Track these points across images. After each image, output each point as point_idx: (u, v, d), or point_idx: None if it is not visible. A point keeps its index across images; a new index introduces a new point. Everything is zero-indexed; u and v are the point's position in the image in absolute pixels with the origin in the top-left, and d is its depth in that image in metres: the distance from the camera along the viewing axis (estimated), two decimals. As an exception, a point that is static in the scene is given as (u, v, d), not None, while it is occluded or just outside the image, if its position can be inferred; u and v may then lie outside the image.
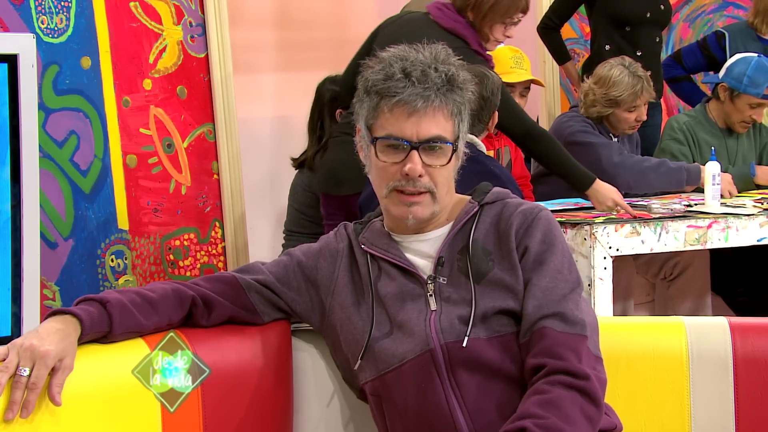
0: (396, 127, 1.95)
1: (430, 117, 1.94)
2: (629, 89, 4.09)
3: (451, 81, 1.96)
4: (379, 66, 1.98)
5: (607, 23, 4.63)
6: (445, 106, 1.95)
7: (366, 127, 2.00)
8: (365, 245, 2.06)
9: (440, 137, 1.95)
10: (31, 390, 1.75)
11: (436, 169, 1.96)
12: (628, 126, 4.18)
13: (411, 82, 1.93)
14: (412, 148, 1.94)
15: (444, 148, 1.96)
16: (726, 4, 5.68)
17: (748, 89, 4.25)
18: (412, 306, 1.98)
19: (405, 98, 1.93)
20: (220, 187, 4.04)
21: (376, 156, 1.98)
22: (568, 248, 2.00)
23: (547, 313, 1.90)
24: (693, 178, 4.04)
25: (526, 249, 1.96)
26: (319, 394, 2.15)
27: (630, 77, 4.10)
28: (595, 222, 3.34)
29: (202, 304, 2.03)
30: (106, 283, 3.72)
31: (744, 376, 2.11)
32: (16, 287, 2.66)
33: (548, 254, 1.96)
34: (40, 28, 3.55)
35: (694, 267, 4.18)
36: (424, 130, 1.94)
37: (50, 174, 3.56)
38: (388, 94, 1.95)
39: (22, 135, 2.64)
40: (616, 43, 4.54)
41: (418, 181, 1.95)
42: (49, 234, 3.54)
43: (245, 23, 4.83)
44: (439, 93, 1.94)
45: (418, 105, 1.93)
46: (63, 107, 3.63)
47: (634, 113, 4.14)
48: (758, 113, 4.32)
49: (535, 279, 1.94)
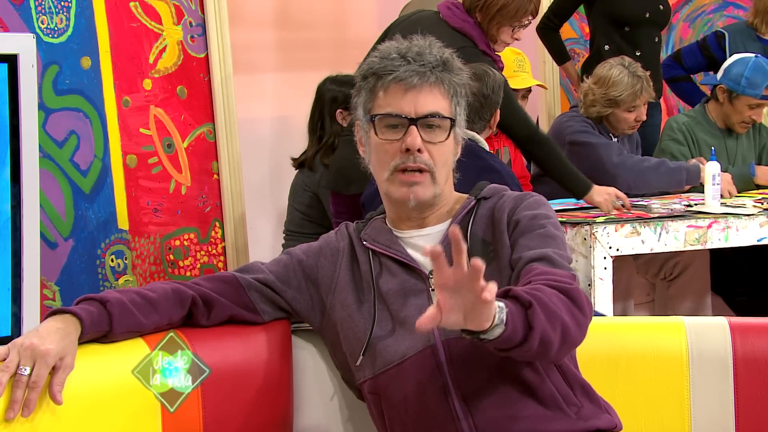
0: (394, 104, 1.97)
1: (427, 92, 1.96)
2: (629, 89, 4.09)
3: (446, 63, 1.99)
4: (376, 54, 2.01)
5: (607, 23, 4.63)
6: (441, 83, 1.98)
7: (364, 112, 2.02)
8: (367, 241, 2.07)
9: (438, 113, 1.97)
10: (32, 389, 1.75)
11: (435, 146, 1.97)
12: (628, 126, 4.18)
13: (407, 60, 1.96)
14: (410, 123, 1.96)
15: (442, 124, 1.97)
16: (726, 4, 5.68)
17: (746, 90, 4.25)
18: (414, 302, 1.98)
19: (401, 75, 1.95)
20: (220, 187, 4.04)
21: (375, 134, 1.99)
22: (561, 230, 2.01)
23: (534, 257, 1.91)
24: (692, 178, 4.05)
25: (517, 222, 1.98)
26: (319, 394, 2.15)
27: (629, 77, 4.11)
28: (596, 222, 3.34)
29: (202, 304, 2.03)
30: (106, 283, 3.72)
31: (744, 376, 2.11)
32: (16, 287, 2.66)
33: (538, 226, 1.97)
34: (40, 28, 3.56)
35: (694, 267, 4.18)
36: (421, 105, 1.96)
37: (50, 174, 3.56)
38: (384, 72, 1.97)
39: (22, 135, 2.64)
40: (616, 44, 4.55)
41: (418, 156, 1.96)
42: (49, 234, 3.54)
43: (245, 23, 4.83)
44: (435, 71, 1.97)
45: (414, 81, 1.95)
46: (63, 107, 3.63)
47: (634, 113, 4.15)
48: (757, 113, 4.33)
49: (523, 240, 1.95)
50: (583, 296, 1.86)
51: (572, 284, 1.85)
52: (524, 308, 1.73)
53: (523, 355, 1.78)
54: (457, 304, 1.62)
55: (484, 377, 1.91)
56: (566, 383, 1.96)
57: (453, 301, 1.62)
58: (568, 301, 1.82)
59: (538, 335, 1.73)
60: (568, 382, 1.96)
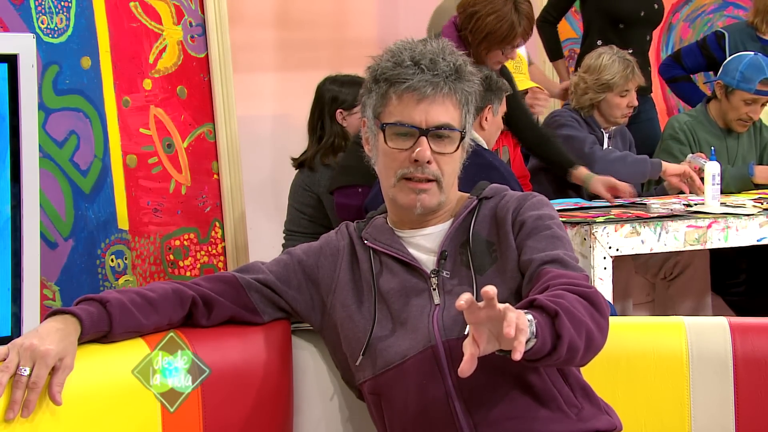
0: (405, 114, 1.96)
1: (440, 104, 1.95)
2: (620, 71, 4.17)
3: (459, 71, 1.97)
4: (388, 55, 1.99)
5: (601, 20, 4.66)
6: (454, 94, 1.97)
7: (374, 116, 2.01)
8: (368, 240, 2.07)
9: (449, 125, 1.96)
10: (32, 389, 1.75)
11: (444, 157, 1.97)
12: (621, 113, 4.22)
13: (420, 69, 1.95)
14: (421, 134, 1.95)
15: (452, 135, 1.97)
16: (726, 4, 5.68)
17: (740, 85, 4.27)
18: (416, 302, 1.98)
19: (414, 84, 1.94)
20: (220, 187, 4.03)
21: (384, 143, 1.98)
22: (564, 230, 2.01)
23: (546, 260, 1.91)
24: (654, 171, 4.06)
25: (522, 223, 1.98)
26: (319, 394, 2.15)
27: (619, 61, 4.19)
28: (595, 222, 3.34)
29: (202, 304, 2.02)
30: (106, 283, 3.72)
31: (744, 376, 2.11)
32: (16, 287, 2.65)
33: (544, 227, 1.97)
34: (40, 28, 3.55)
35: (694, 267, 4.18)
36: (433, 116, 1.95)
37: (50, 174, 3.56)
38: (398, 80, 1.96)
39: (22, 135, 2.64)
40: (608, 40, 4.56)
41: (426, 168, 1.96)
42: (49, 234, 3.54)
43: (245, 23, 4.83)
44: (448, 80, 1.96)
45: (427, 91, 1.94)
46: (63, 107, 3.63)
47: (626, 98, 4.20)
48: (754, 110, 4.32)
49: (531, 242, 1.95)
50: (602, 299, 1.87)
51: (591, 288, 1.86)
52: (551, 318, 1.74)
53: (552, 363, 1.80)
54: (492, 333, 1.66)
55: (484, 378, 1.90)
56: (567, 384, 1.96)
57: (487, 332, 1.65)
58: (590, 305, 1.82)
59: (566, 343, 1.74)
60: (569, 384, 1.96)
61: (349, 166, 3.50)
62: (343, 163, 3.63)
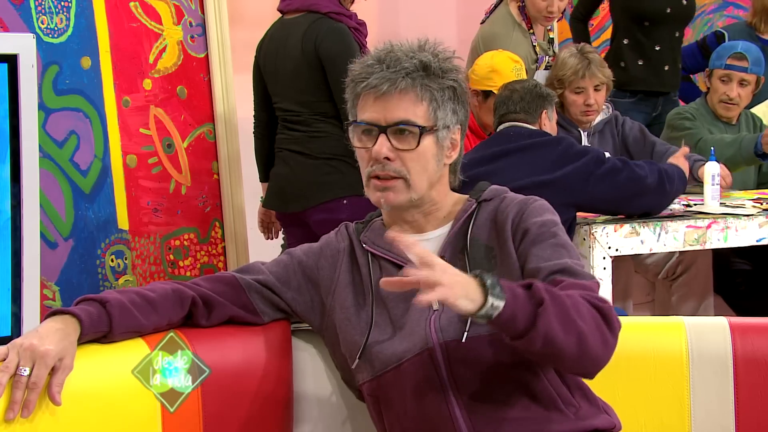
0: (366, 112, 1.97)
1: (397, 100, 1.95)
2: (572, 67, 4.01)
3: (426, 68, 1.96)
4: (362, 58, 2.01)
5: (627, 18, 4.67)
6: (412, 89, 1.95)
7: (348, 118, 2.03)
8: (367, 244, 2.06)
9: (407, 120, 1.95)
10: (32, 390, 1.75)
11: (406, 154, 1.96)
12: (579, 111, 4.04)
13: (381, 67, 1.95)
14: (380, 131, 1.95)
15: (413, 131, 1.96)
16: (726, 4, 5.69)
17: (714, 63, 4.33)
18: (415, 306, 1.97)
19: (372, 82, 1.95)
20: (220, 187, 4.03)
21: (355, 141, 2.00)
22: (567, 235, 2.01)
23: (554, 269, 1.90)
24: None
25: (526, 231, 1.97)
26: (319, 394, 2.15)
27: (576, 58, 4.04)
28: (595, 222, 3.34)
29: (202, 304, 2.02)
30: (106, 283, 3.72)
31: (744, 376, 2.12)
32: (16, 287, 2.66)
33: (549, 234, 1.96)
34: (40, 28, 3.55)
35: (697, 267, 4.18)
36: (390, 113, 1.95)
37: (50, 174, 3.55)
38: (360, 79, 1.97)
39: (22, 135, 2.64)
40: (635, 39, 4.56)
41: (387, 165, 1.95)
42: (49, 234, 3.53)
43: (245, 23, 4.82)
44: (407, 77, 1.94)
45: (384, 88, 1.94)
46: (63, 107, 3.63)
47: (581, 96, 4.04)
48: (731, 89, 4.29)
49: (536, 250, 1.94)
50: (615, 316, 1.85)
51: (606, 302, 1.85)
52: (535, 301, 1.74)
53: (530, 352, 1.79)
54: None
55: (482, 379, 1.91)
56: (564, 384, 1.96)
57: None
58: (600, 317, 1.82)
59: (542, 332, 1.73)
60: (566, 384, 1.96)
61: (282, 187, 3.64)
62: (279, 182, 3.71)
